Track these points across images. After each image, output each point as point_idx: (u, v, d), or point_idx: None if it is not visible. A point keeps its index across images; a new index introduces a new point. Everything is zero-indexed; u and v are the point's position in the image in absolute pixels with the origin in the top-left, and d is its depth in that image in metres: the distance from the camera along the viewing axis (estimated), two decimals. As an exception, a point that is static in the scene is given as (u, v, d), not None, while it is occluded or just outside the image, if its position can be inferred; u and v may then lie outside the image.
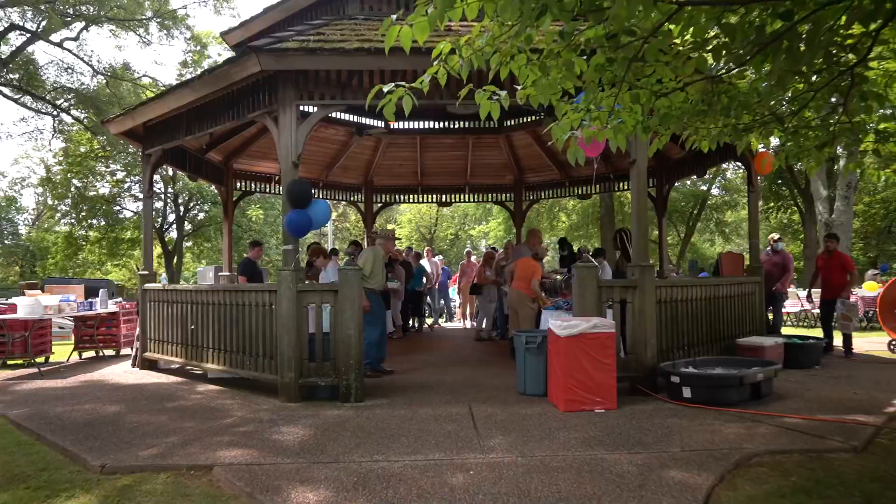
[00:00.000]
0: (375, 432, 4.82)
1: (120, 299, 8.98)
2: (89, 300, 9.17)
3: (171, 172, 27.01)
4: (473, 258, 14.21)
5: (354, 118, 10.85)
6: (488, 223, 30.43)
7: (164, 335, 7.69)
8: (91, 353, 9.33)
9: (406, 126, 12.03)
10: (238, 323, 6.58)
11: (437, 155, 12.68)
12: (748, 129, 4.01)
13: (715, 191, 29.45)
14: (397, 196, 13.36)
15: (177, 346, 7.46)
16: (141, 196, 27.90)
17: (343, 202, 12.92)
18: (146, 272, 8.08)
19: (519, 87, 3.41)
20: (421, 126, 12.04)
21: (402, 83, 3.30)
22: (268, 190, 11.85)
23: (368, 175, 12.93)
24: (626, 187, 11.45)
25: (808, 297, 10.91)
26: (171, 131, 7.62)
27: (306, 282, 6.87)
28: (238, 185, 11.33)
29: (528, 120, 11.63)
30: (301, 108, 6.33)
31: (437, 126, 12.04)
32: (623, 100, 3.40)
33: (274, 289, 6.11)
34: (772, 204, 23.55)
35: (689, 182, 29.49)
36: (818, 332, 9.85)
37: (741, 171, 29.04)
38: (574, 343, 5.50)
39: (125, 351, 9.27)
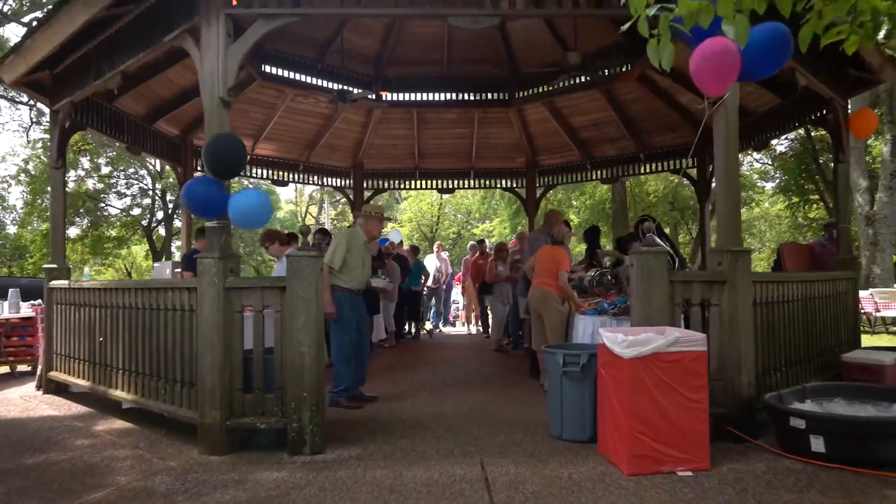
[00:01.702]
0: (325, 527, 2.76)
1: (38, 301, 6.90)
2: (-3, 303, 7.14)
3: (158, 166, 25.08)
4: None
5: (335, 86, 8.81)
6: (492, 221, 28.37)
7: (70, 349, 5.64)
8: (6, 369, 7.28)
9: (400, 98, 9.99)
10: (151, 334, 4.52)
11: (437, 133, 10.61)
12: None
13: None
14: (391, 182, 11.29)
15: (83, 363, 5.40)
16: (126, 192, 25.52)
17: (328, 188, 10.85)
18: (54, 265, 6.02)
19: None
20: (417, 98, 10.01)
21: None
22: (261, 174, 9.81)
23: (357, 156, 10.88)
24: (689, 164, 9.40)
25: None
26: (80, 77, 5.59)
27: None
28: (200, 165, 9.29)
29: (544, 90, 9.59)
30: (234, 22, 4.27)
31: (436, 98, 10.01)
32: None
33: (194, 286, 4.06)
34: (795, 199, 21.43)
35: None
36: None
37: (757, 165, 27.02)
38: (644, 368, 3.44)
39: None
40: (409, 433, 4.35)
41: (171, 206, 25.30)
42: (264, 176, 10.12)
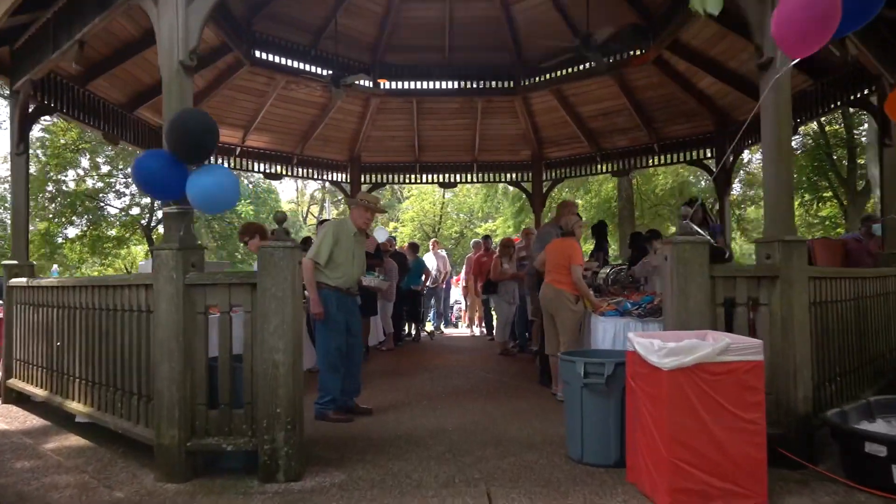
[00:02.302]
0: None
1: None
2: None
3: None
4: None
5: (325, 72, 8.17)
6: (495, 220, 27.70)
7: (29, 354, 5.01)
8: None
9: (398, 87, 9.36)
10: (108, 339, 3.89)
11: (438, 123, 9.98)
12: None
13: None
14: (390, 176, 10.64)
15: (41, 370, 4.77)
16: (125, 191, 24.99)
17: (324, 182, 10.23)
18: (14, 262, 5.39)
19: None
20: (417, 87, 9.38)
21: None
22: (225, 163, 9.18)
23: (355, 149, 10.24)
24: (707, 154, 8.73)
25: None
26: (39, 51, 4.96)
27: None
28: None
29: (552, 76, 8.94)
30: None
31: (436, 86, 9.37)
32: None
33: (150, 282, 3.42)
34: (807, 197, 20.68)
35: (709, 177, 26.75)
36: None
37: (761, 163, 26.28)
38: (688, 381, 2.79)
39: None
40: (404, 453, 3.70)
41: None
42: (256, 169, 9.49)
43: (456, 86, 9.35)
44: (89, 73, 6.31)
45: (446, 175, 10.51)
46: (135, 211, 25.34)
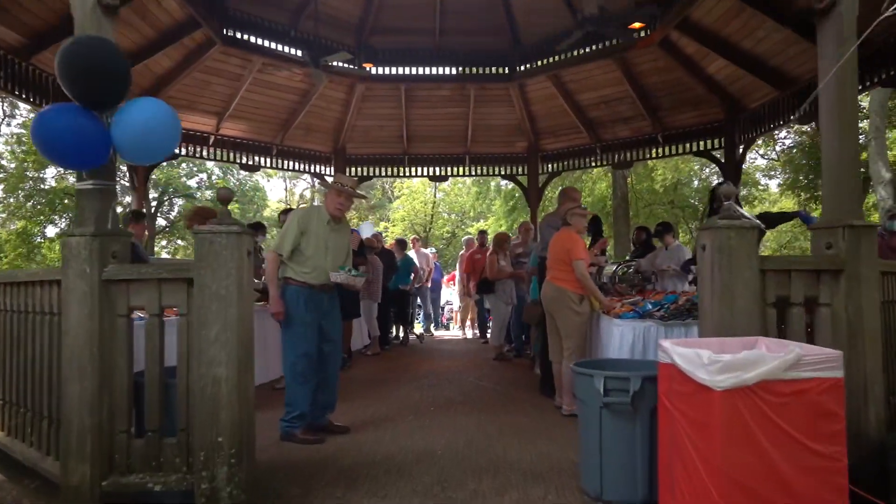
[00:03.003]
0: None
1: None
2: None
3: (140, 163, 23.66)
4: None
5: (298, 52, 7.45)
6: (487, 220, 27.04)
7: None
8: None
9: (385, 72, 8.67)
10: (19, 346, 3.15)
11: (428, 112, 9.28)
12: None
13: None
14: (377, 169, 9.90)
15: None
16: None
17: (305, 175, 9.50)
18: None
19: None
20: (406, 72, 8.69)
21: None
22: (198, 153, 8.43)
23: (339, 139, 9.51)
24: (715, 145, 8.06)
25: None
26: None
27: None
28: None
29: (550, 61, 8.28)
30: None
31: (426, 72, 8.69)
32: None
33: (59, 277, 2.69)
34: (803, 196, 20.21)
35: (703, 175, 26.31)
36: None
37: (755, 161, 25.81)
38: (748, 404, 2.10)
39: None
40: (382, 487, 3.00)
41: (154, 203, 23.86)
42: (231, 159, 8.74)
43: (447, 72, 8.67)
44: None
45: (437, 168, 9.81)
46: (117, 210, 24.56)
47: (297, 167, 9.47)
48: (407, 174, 9.84)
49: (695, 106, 8.01)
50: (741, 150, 7.75)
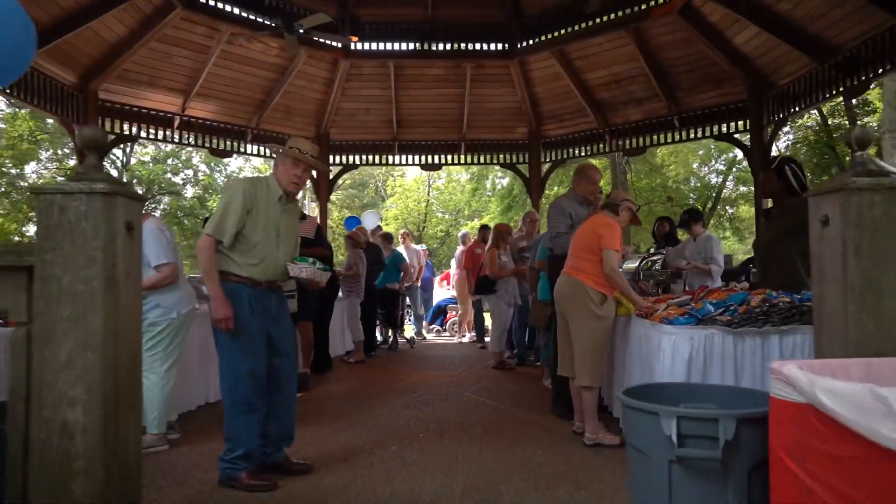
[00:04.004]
0: None
1: None
2: None
3: (122, 158, 22.59)
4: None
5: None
6: (481, 218, 26.10)
7: None
8: None
9: (372, 48, 7.70)
10: None
11: (421, 93, 8.32)
12: None
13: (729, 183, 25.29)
14: (364, 156, 8.89)
15: None
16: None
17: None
18: None
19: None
20: (395, 48, 7.73)
21: None
22: (160, 136, 7.42)
23: (322, 124, 8.52)
24: (739, 127, 7.06)
25: None
26: None
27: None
28: (112, 125, 6.91)
29: (554, 35, 7.35)
30: None
31: (418, 48, 7.73)
32: None
33: None
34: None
35: (703, 171, 25.49)
36: None
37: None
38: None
39: None
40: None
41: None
42: (200, 143, 7.72)
43: (441, 47, 7.72)
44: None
45: (429, 156, 8.83)
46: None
47: (274, 154, 8.44)
48: (397, 162, 8.85)
49: (717, 84, 7.08)
50: (769, 133, 6.82)
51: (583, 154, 8.48)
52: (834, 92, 5.71)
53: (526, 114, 8.41)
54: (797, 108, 6.43)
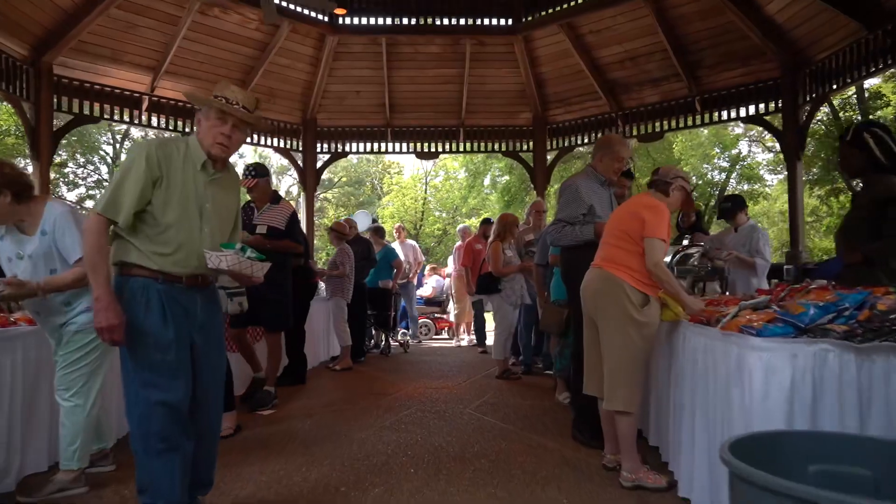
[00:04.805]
0: None
1: None
2: None
3: (112, 154, 21.74)
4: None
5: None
6: (480, 216, 25.30)
7: None
8: None
9: (363, 22, 6.91)
10: None
11: (415, 74, 7.53)
12: None
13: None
14: (354, 144, 8.09)
15: None
16: (80, 182, 22.45)
17: (265, 147, 7.66)
18: None
19: None
20: (388, 23, 6.94)
21: None
22: (126, 118, 6.59)
23: (308, 108, 7.72)
24: (770, 108, 6.17)
25: None
26: None
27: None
28: (70, 104, 6.09)
29: (562, 7, 6.57)
30: None
31: (413, 23, 6.95)
32: None
33: None
34: (817, 190, 18.63)
35: (705, 168, 24.76)
36: None
37: (757, 156, 24.29)
38: None
39: None
40: None
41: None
42: (172, 127, 6.91)
43: (438, 23, 6.93)
44: None
45: (425, 143, 8.04)
46: (89, 204, 22.59)
47: (257, 139, 7.64)
48: (390, 150, 8.05)
49: (744, 60, 6.30)
50: (806, 114, 6.04)
51: (593, 141, 7.68)
52: (890, 61, 4.91)
53: (531, 97, 7.62)
54: (839, 85, 5.65)
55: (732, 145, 22.60)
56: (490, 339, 6.51)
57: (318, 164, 8.06)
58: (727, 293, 3.73)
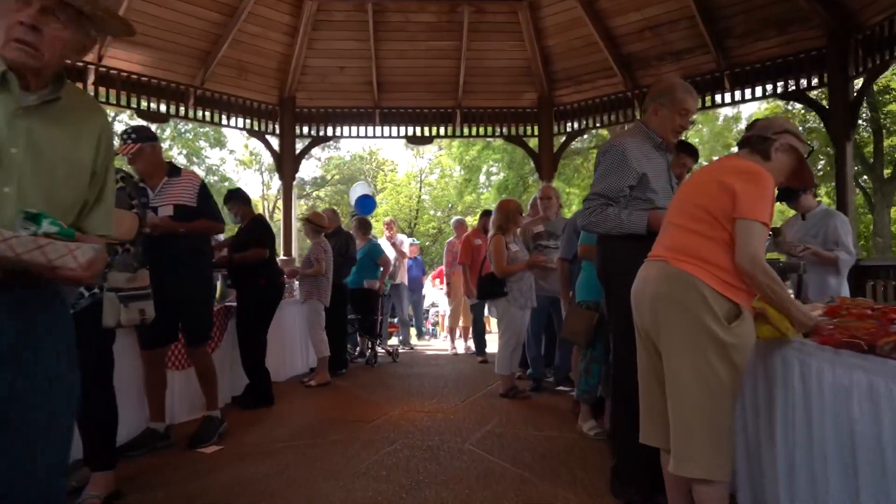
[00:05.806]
0: None
1: None
2: None
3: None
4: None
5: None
6: (475, 215, 24.40)
7: None
8: None
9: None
10: None
11: (406, 48, 6.62)
12: None
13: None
14: (337, 127, 7.16)
15: None
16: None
17: (235, 129, 6.70)
18: None
19: None
20: (375, -13, 6.00)
21: None
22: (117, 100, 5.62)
23: (286, 86, 6.79)
24: (813, 83, 5.19)
25: None
26: None
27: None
28: None
29: (574, -31, 5.65)
30: None
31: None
32: None
33: None
34: (823, 187, 17.86)
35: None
36: None
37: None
38: None
39: None
40: None
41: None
42: (124, 104, 5.95)
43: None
44: None
45: (417, 127, 7.13)
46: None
47: (227, 121, 6.69)
48: (378, 134, 7.12)
49: (781, 28, 5.44)
50: (857, 88, 5.17)
51: (605, 123, 6.80)
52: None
53: (536, 74, 6.73)
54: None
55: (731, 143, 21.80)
56: (491, 347, 5.60)
57: (297, 150, 7.13)
58: (808, 298, 2.85)
